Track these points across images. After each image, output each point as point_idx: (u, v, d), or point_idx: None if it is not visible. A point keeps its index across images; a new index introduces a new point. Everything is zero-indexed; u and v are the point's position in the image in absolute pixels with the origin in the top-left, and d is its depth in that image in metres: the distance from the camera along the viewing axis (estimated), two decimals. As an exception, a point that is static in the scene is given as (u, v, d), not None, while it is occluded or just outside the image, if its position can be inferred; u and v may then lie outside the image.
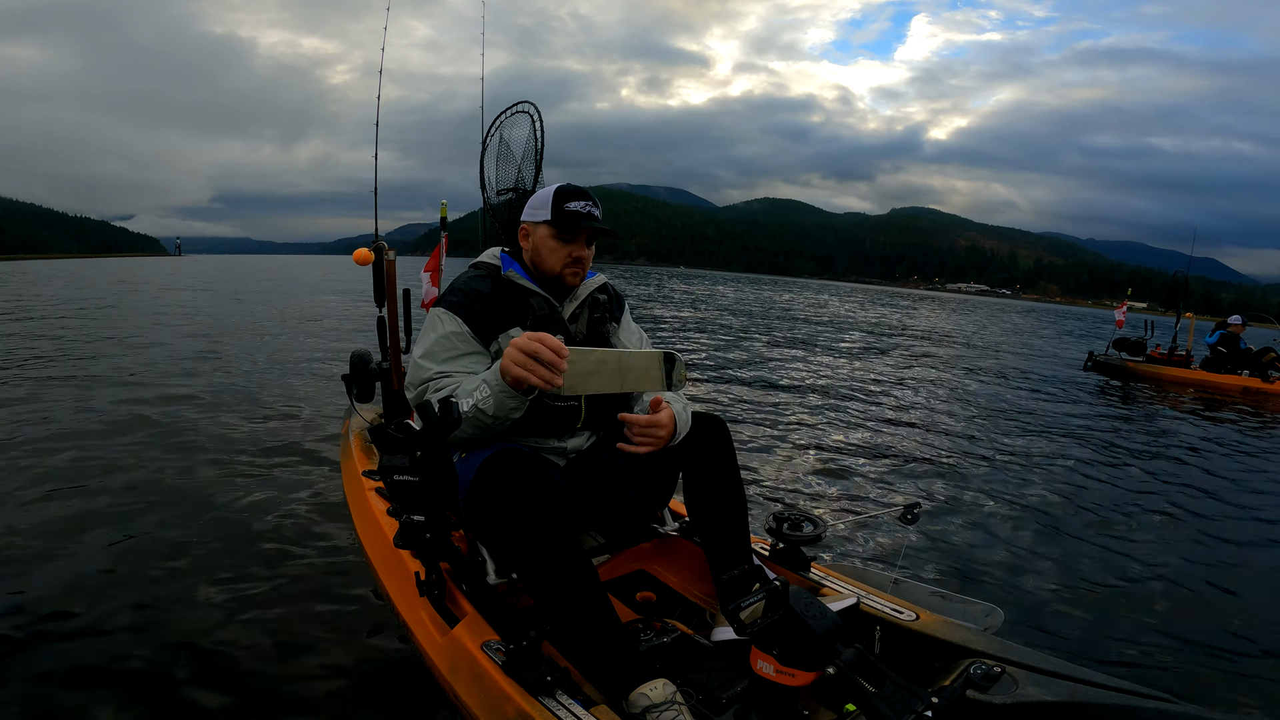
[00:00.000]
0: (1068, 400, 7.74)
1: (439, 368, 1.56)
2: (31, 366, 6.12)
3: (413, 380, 1.59)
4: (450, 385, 1.52)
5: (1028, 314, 50.53)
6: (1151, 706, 1.07)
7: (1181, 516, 3.62)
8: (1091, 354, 11.24)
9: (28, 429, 3.95)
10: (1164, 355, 10.62)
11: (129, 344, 7.87)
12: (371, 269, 2.92)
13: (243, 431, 4.12)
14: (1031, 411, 6.62)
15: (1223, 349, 9.82)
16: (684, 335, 11.82)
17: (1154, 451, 5.25)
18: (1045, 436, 5.42)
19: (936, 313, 33.49)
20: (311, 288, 22.05)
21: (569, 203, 1.61)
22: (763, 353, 10.05)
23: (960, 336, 17.56)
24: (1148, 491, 4.04)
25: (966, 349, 13.85)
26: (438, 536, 1.50)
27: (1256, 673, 2.09)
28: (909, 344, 13.85)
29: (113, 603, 2.09)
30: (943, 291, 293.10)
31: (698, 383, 6.82)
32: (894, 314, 27.25)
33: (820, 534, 1.74)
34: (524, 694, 1.25)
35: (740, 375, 7.57)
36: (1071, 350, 15.45)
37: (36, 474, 3.19)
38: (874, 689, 1.10)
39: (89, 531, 2.59)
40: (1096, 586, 2.64)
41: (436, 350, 1.58)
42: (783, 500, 3.42)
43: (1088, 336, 21.97)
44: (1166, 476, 4.45)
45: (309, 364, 6.97)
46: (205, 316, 11.89)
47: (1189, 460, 5.04)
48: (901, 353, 11.84)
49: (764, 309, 22.33)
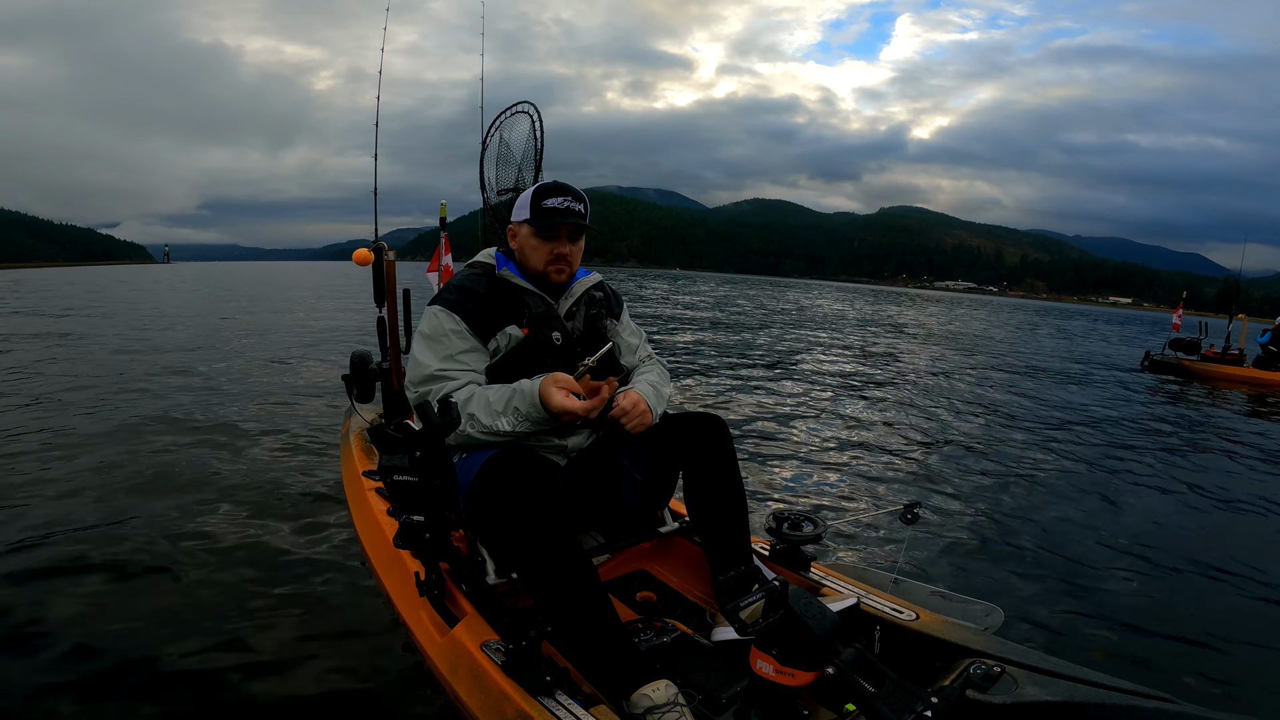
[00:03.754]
0: (1078, 397, 7.82)
1: (439, 365, 1.56)
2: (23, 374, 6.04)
3: (413, 378, 1.59)
4: (451, 386, 1.53)
5: (1016, 310, 50.92)
6: (1151, 706, 1.07)
7: (1194, 513, 3.63)
8: (1148, 353, 11.77)
9: (30, 437, 3.92)
10: (1218, 354, 11.08)
11: (135, 347, 7.84)
12: (371, 269, 2.91)
13: (242, 432, 4.10)
14: (1035, 411, 6.65)
15: (1274, 348, 10.37)
16: (682, 336, 11.83)
17: (1179, 446, 5.29)
18: (1047, 437, 5.44)
19: (929, 310, 33.65)
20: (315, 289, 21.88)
21: (546, 199, 1.62)
22: (763, 353, 10.08)
23: (967, 335, 17.69)
24: (1157, 489, 4.05)
25: (970, 347, 13.96)
26: (437, 536, 1.49)
27: (1257, 673, 2.11)
28: (905, 341, 13.94)
29: (111, 602, 2.07)
30: (931, 289, 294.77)
31: (697, 384, 6.83)
32: (885, 311, 27.40)
33: (820, 534, 1.74)
34: (523, 694, 1.24)
35: (740, 375, 7.58)
36: (1072, 347, 15.59)
37: (34, 478, 3.17)
38: (874, 689, 1.10)
39: (88, 531, 2.57)
40: (1097, 586, 2.65)
41: (435, 348, 1.59)
42: (782, 500, 3.43)
43: (1076, 336, 22.16)
44: (1188, 474, 4.45)
45: (308, 364, 6.95)
46: (208, 317, 11.84)
47: (1217, 456, 5.08)
48: (900, 350, 11.93)
49: (759, 308, 22.38)
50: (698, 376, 7.23)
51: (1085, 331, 25.90)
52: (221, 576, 2.27)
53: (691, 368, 7.91)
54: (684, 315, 17.00)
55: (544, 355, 1.65)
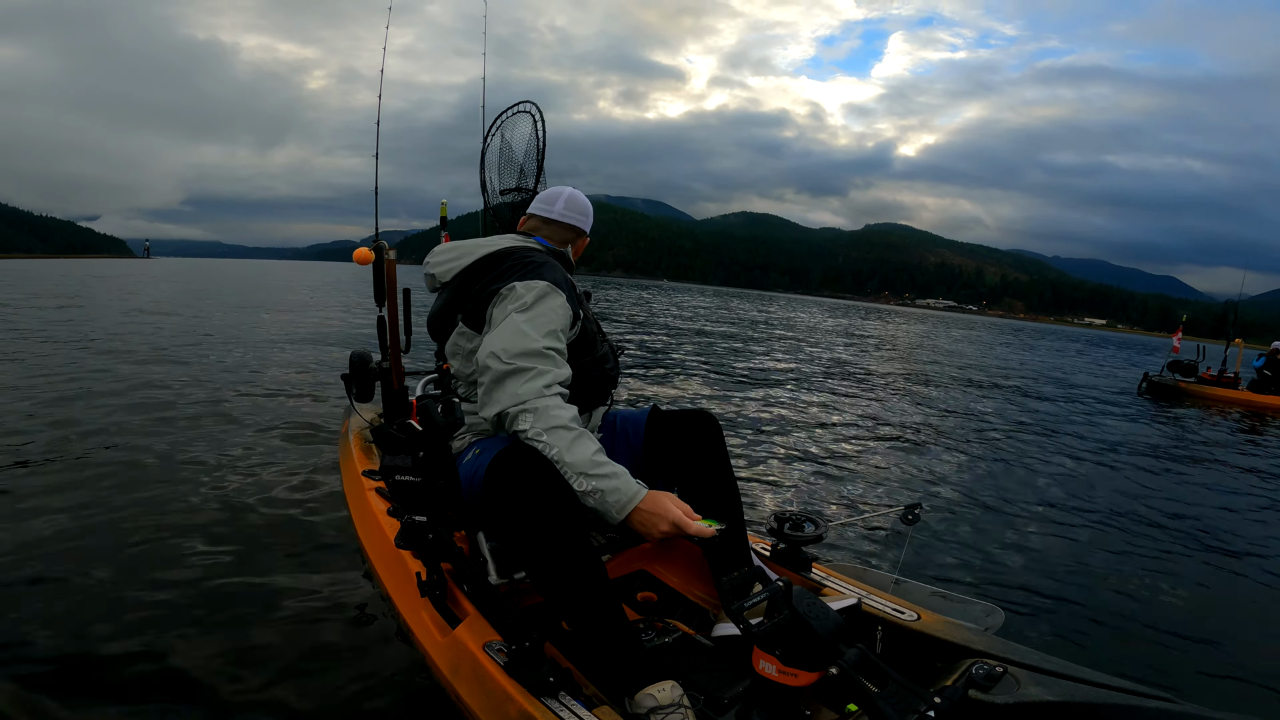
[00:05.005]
0: (1078, 411, 7.98)
1: (545, 342, 1.44)
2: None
3: (510, 348, 1.42)
4: (552, 374, 1.43)
5: (990, 328, 51.68)
6: (1153, 706, 1.08)
7: (1191, 521, 3.69)
8: (1147, 375, 12.09)
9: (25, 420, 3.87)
10: (1214, 377, 11.45)
11: (120, 341, 7.69)
12: (371, 269, 2.90)
13: (241, 432, 4.05)
14: (1038, 417, 6.75)
15: (1268, 371, 10.75)
16: (682, 338, 11.86)
17: (1172, 458, 5.40)
18: (1049, 440, 5.53)
19: (914, 328, 34.05)
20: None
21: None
22: (760, 362, 10.15)
23: (958, 352, 17.93)
24: (1156, 495, 4.12)
25: (964, 362, 14.17)
26: (439, 537, 1.48)
27: (1257, 674, 2.14)
28: (899, 354, 14.08)
29: (110, 602, 2.04)
30: (912, 307, 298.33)
31: (698, 385, 6.84)
32: (870, 326, 27.70)
33: (821, 534, 1.75)
34: (526, 695, 1.23)
35: (741, 378, 7.63)
36: (1064, 364, 15.84)
37: (32, 475, 3.11)
38: (876, 689, 1.10)
39: (85, 530, 2.53)
40: (1097, 587, 2.68)
41: (540, 322, 1.47)
42: (784, 501, 3.45)
43: (1069, 356, 22.50)
44: (1180, 482, 4.55)
45: (308, 364, 6.90)
46: (202, 317, 11.66)
47: (1207, 469, 5.19)
48: (895, 362, 12.06)
49: (751, 319, 22.49)
50: (697, 379, 7.24)
51: (1065, 351, 26.34)
52: (220, 577, 2.24)
53: (691, 370, 7.93)
54: (678, 325, 17.06)
55: (597, 348, 1.69)
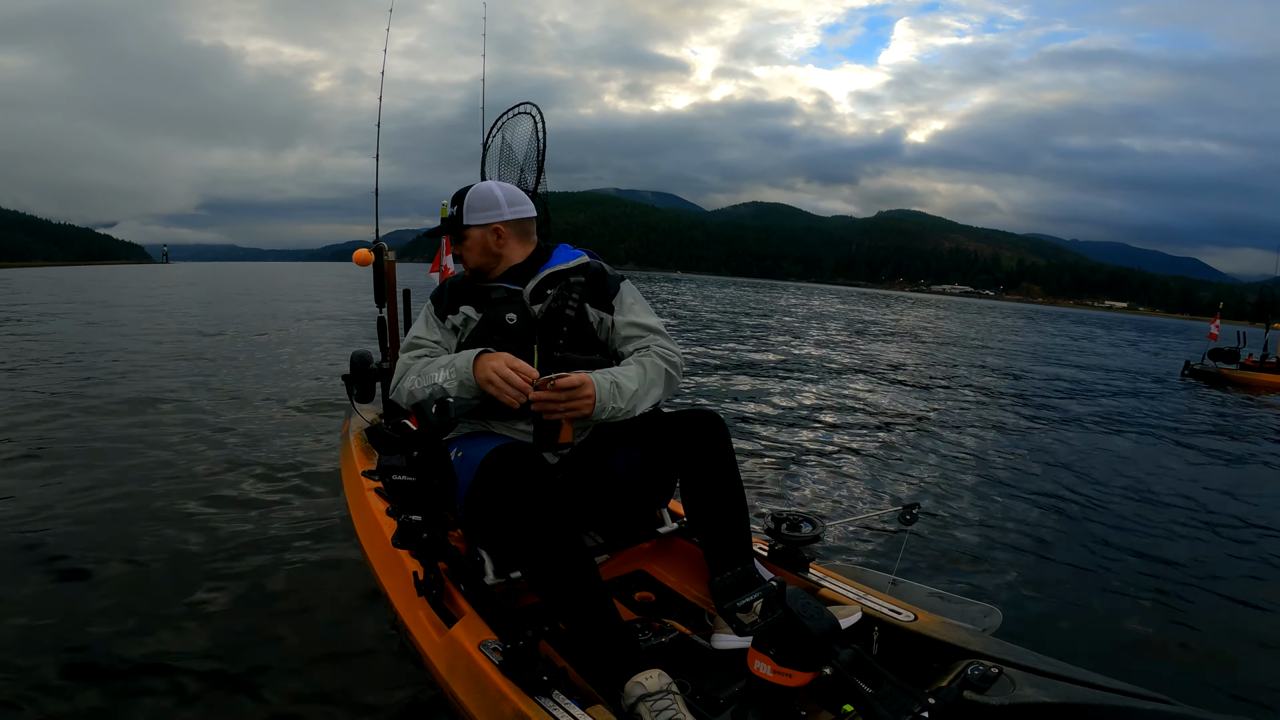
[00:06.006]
0: (1093, 402, 7.85)
1: (413, 336, 1.77)
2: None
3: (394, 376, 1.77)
4: (419, 351, 1.72)
5: (1010, 314, 51.05)
6: (1150, 708, 1.07)
7: (1193, 516, 3.63)
8: (1189, 363, 12.01)
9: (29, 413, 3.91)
10: (1256, 363, 11.31)
11: (131, 343, 7.80)
12: (372, 269, 2.92)
13: (241, 432, 4.09)
14: (1039, 414, 6.66)
15: None
16: (683, 336, 11.81)
17: (1190, 448, 5.32)
18: (1046, 440, 5.45)
19: (928, 314, 33.70)
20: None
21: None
22: (762, 354, 10.09)
23: (974, 337, 17.73)
24: (1158, 492, 4.05)
25: (973, 349, 13.98)
26: (435, 536, 1.49)
27: (1258, 674, 2.11)
28: (905, 343, 13.96)
29: (105, 602, 2.06)
30: (928, 293, 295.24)
31: (697, 385, 6.83)
32: (884, 314, 27.44)
33: (819, 534, 1.74)
34: (521, 694, 1.24)
35: (740, 377, 7.59)
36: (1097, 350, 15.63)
37: (30, 470, 3.17)
38: (871, 689, 1.10)
39: (82, 529, 2.57)
40: (1096, 587, 2.65)
41: (416, 325, 1.81)
42: (781, 501, 3.43)
43: (1061, 336, 22.19)
44: (1194, 478, 4.48)
45: (308, 363, 6.94)
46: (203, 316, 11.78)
47: (1235, 463, 5.09)
48: (900, 352, 11.95)
49: (758, 310, 22.39)
50: (697, 378, 7.23)
51: (1087, 336, 25.91)
52: (220, 576, 2.26)
53: (691, 367, 7.91)
54: (685, 315, 17.02)
55: (492, 333, 1.68)
